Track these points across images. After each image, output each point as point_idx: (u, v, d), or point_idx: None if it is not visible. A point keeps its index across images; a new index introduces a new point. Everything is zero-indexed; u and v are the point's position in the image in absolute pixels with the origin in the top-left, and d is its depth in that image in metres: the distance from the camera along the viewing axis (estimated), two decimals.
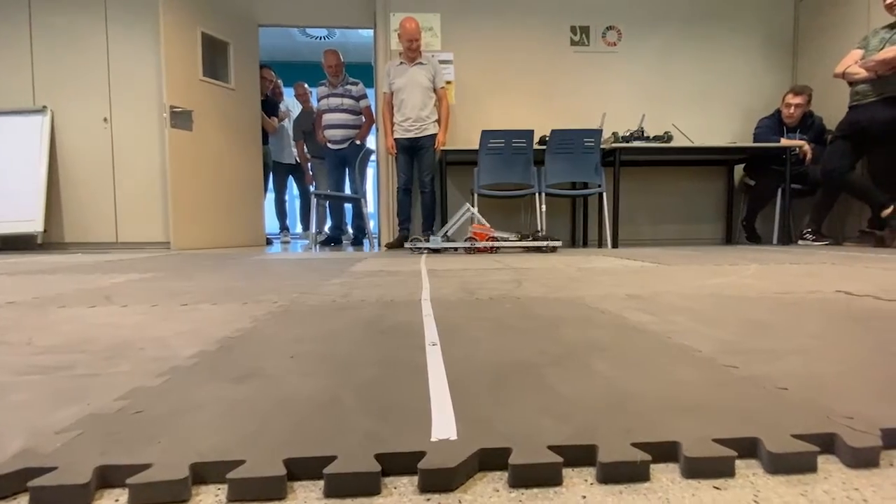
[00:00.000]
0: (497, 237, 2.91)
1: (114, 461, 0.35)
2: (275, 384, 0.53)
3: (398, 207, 3.63)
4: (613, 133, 3.66)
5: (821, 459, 0.37)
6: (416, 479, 0.34)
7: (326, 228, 4.80)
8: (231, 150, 4.02)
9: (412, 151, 3.55)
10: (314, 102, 4.62)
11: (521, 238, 2.95)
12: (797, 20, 4.15)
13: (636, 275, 1.60)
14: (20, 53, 3.79)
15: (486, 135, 3.37)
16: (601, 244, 3.68)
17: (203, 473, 0.35)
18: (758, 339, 0.71)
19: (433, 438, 0.39)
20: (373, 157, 4.33)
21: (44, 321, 0.92)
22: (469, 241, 2.88)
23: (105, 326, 0.86)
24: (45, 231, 3.74)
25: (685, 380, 0.53)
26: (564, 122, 3.87)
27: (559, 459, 0.35)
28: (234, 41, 4.00)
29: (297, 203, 5.69)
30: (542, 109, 4.05)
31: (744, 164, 4.07)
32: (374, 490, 0.33)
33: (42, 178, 3.73)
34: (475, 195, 3.48)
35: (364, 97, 4.18)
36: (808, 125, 3.69)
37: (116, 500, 0.33)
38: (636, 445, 0.37)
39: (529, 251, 2.92)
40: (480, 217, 3.06)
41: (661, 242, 4.17)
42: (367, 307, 1.02)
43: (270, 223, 4.86)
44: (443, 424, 0.41)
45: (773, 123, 3.75)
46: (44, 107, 3.81)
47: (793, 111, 3.62)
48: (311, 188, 4.92)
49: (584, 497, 0.33)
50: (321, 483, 0.34)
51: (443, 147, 3.54)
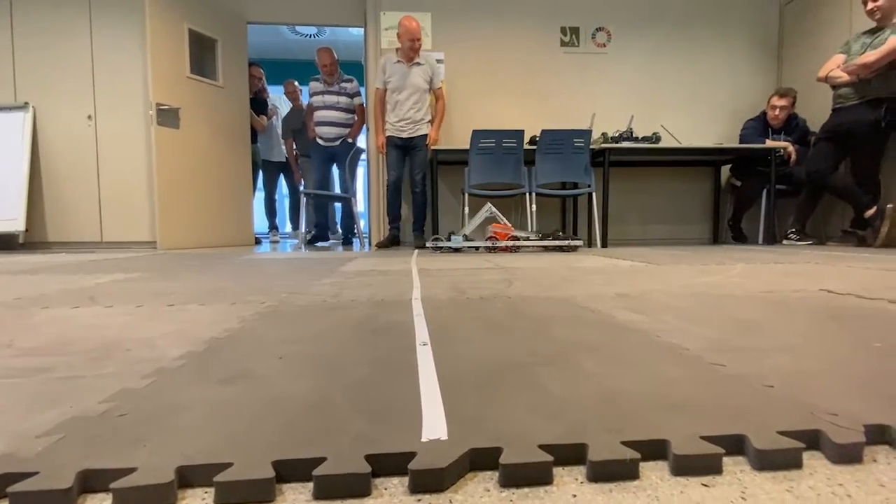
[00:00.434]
0: (518, 236, 2.93)
1: (97, 465, 0.34)
2: (263, 385, 0.52)
3: (388, 205, 3.61)
4: (603, 133, 3.68)
5: (806, 456, 0.37)
6: (407, 480, 0.34)
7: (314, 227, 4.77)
8: (219, 149, 3.97)
9: (404, 150, 3.54)
10: (304, 100, 4.59)
11: (542, 237, 2.97)
12: (782, 24, 4.22)
13: (625, 274, 1.61)
14: (0, 47, 3.71)
15: (477, 135, 3.37)
16: (591, 244, 3.70)
17: (190, 476, 0.34)
18: (744, 338, 0.72)
19: (424, 439, 0.39)
20: (363, 156, 4.32)
21: (26, 322, 0.90)
22: (490, 241, 2.89)
23: (89, 327, 0.84)
24: (28, 230, 3.67)
25: (673, 378, 0.53)
26: (554, 123, 3.89)
27: (550, 458, 0.35)
28: (223, 38, 3.95)
29: (287, 202, 5.65)
30: (533, 110, 4.07)
31: (730, 165, 4.13)
32: (365, 491, 0.33)
33: (24, 177, 3.65)
34: (465, 195, 3.48)
35: (358, 94, 4.16)
36: (793, 127, 3.75)
37: None
38: (626, 444, 0.37)
39: (549, 250, 2.94)
40: (501, 216, 3.07)
41: (650, 242, 4.21)
42: (358, 307, 1.02)
43: (259, 222, 4.82)
44: (433, 424, 0.41)
45: (759, 125, 3.81)
46: (25, 103, 3.72)
47: (778, 113, 3.68)
48: (301, 187, 4.89)
49: (575, 496, 0.33)
50: (311, 485, 0.34)
51: (434, 145, 3.54)
